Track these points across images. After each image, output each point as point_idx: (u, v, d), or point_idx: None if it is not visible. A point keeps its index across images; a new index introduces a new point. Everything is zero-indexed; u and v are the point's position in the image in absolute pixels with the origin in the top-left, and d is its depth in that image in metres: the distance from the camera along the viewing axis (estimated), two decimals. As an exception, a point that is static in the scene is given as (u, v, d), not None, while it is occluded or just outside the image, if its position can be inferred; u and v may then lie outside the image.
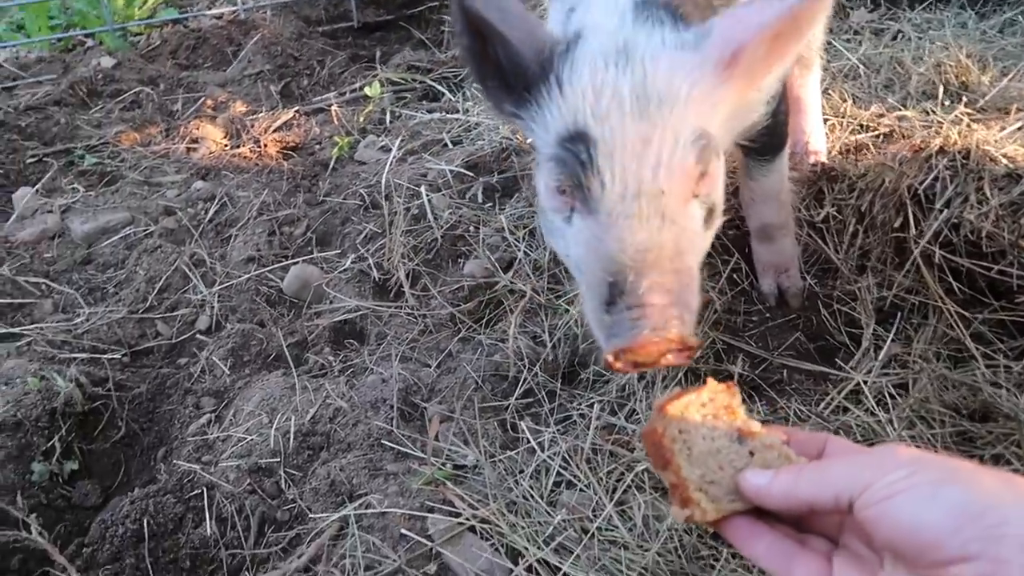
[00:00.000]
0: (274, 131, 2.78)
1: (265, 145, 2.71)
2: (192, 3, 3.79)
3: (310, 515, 1.46)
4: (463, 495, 1.44)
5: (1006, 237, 1.56)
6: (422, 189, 2.30)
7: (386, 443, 1.59)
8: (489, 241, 2.12)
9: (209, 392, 1.84)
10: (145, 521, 1.47)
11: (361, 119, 2.83)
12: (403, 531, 1.38)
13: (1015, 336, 1.55)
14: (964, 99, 2.24)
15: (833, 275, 1.87)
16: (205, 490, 1.52)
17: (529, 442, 1.56)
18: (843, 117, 2.26)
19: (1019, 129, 1.93)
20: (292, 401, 1.70)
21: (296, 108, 2.92)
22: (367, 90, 2.88)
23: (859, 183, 1.93)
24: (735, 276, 1.89)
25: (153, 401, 1.86)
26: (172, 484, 1.54)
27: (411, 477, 1.49)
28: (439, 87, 2.97)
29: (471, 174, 2.40)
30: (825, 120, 2.20)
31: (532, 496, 1.44)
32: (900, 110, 2.24)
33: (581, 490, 1.45)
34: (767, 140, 1.62)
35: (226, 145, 2.76)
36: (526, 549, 1.33)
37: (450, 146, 2.59)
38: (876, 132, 2.16)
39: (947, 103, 2.22)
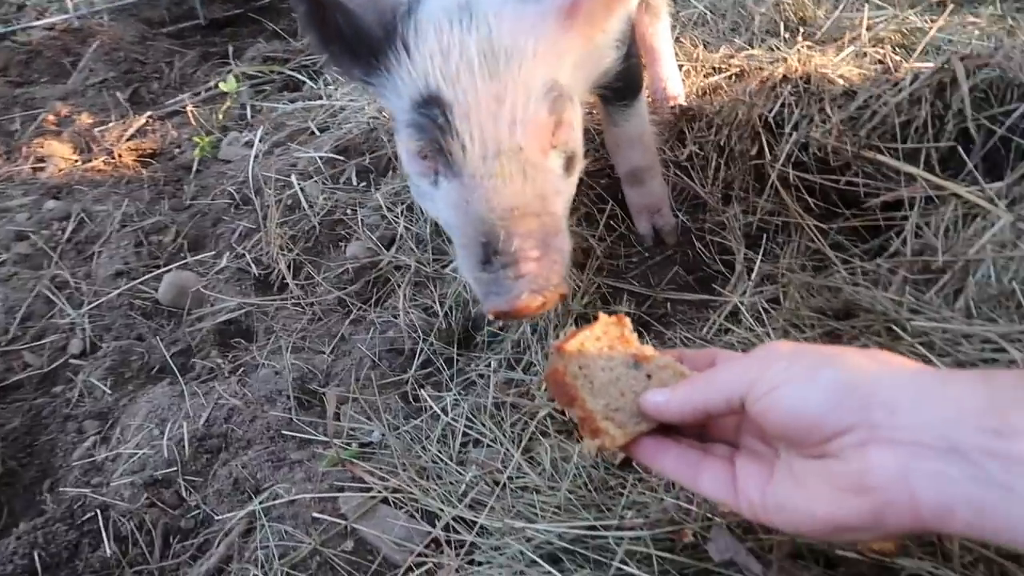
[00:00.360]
0: (128, 140, 2.64)
1: (119, 155, 2.57)
2: (16, 16, 3.52)
3: (216, 517, 1.41)
4: (372, 470, 1.42)
5: (849, 150, 1.67)
6: (293, 179, 2.25)
7: (287, 433, 1.55)
8: (368, 221, 2.09)
9: (91, 415, 1.74)
10: (36, 554, 1.38)
11: (220, 117, 2.72)
12: (315, 515, 1.35)
13: (867, 239, 1.67)
14: (803, 32, 2.39)
15: (703, 209, 1.95)
16: (99, 512, 1.44)
17: (432, 409, 1.55)
18: (696, 62, 2.35)
19: (853, 54, 2.08)
20: (182, 408, 1.63)
21: (149, 113, 2.78)
22: (223, 86, 2.77)
23: (716, 119, 2.02)
24: (612, 222, 1.94)
25: (29, 434, 1.74)
26: (61, 512, 1.45)
27: (317, 461, 1.47)
28: (299, 76, 2.89)
29: (342, 159, 2.36)
30: (680, 66, 2.28)
31: (441, 459, 1.44)
32: (748, 49, 2.35)
33: (488, 445, 1.46)
34: (624, 85, 1.66)
35: (76, 160, 2.59)
36: (441, 510, 1.33)
37: (317, 134, 2.53)
38: (728, 73, 2.27)
39: (788, 38, 2.36)
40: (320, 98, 2.70)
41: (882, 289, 1.45)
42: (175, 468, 1.52)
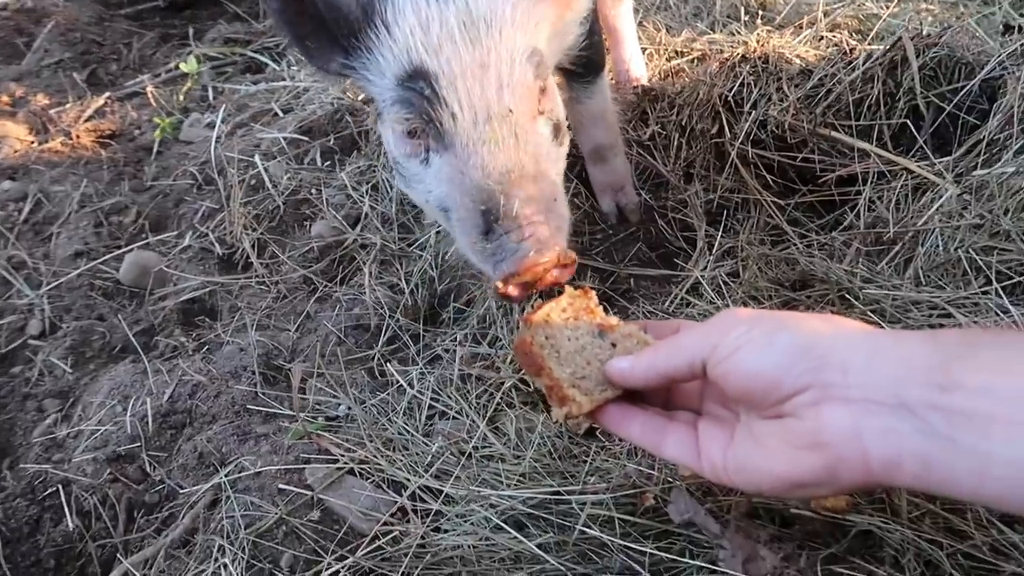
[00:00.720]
0: (86, 120, 2.59)
1: (78, 136, 2.52)
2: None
3: (181, 491, 1.41)
4: (339, 441, 1.43)
5: (805, 127, 1.72)
6: (256, 159, 2.23)
7: (252, 408, 1.55)
8: (333, 201, 2.09)
9: (51, 394, 1.72)
10: (-4, 531, 1.37)
11: (181, 98, 2.69)
12: (281, 486, 1.35)
13: (823, 214, 1.72)
14: (762, 17, 2.43)
15: (665, 187, 1.98)
16: (60, 487, 1.43)
17: (398, 382, 1.56)
18: (659, 45, 2.38)
19: (810, 37, 2.13)
20: (145, 385, 1.62)
21: (108, 94, 2.73)
22: (183, 67, 2.73)
23: (677, 100, 2.05)
24: (576, 200, 1.96)
25: (-13, 414, 1.72)
26: (22, 488, 1.44)
27: (283, 435, 1.47)
28: (261, 58, 2.86)
29: (306, 139, 2.34)
30: (644, 49, 2.31)
31: (408, 431, 1.46)
32: (709, 34, 2.39)
33: (454, 417, 1.47)
34: (587, 61, 1.68)
35: (32, 141, 2.54)
36: (408, 480, 1.35)
37: (281, 115, 2.51)
38: (690, 56, 2.30)
39: (748, 22, 2.40)
40: (283, 79, 2.67)
41: (836, 261, 1.49)
42: (138, 444, 1.51)
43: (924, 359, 0.70)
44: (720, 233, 1.78)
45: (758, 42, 2.02)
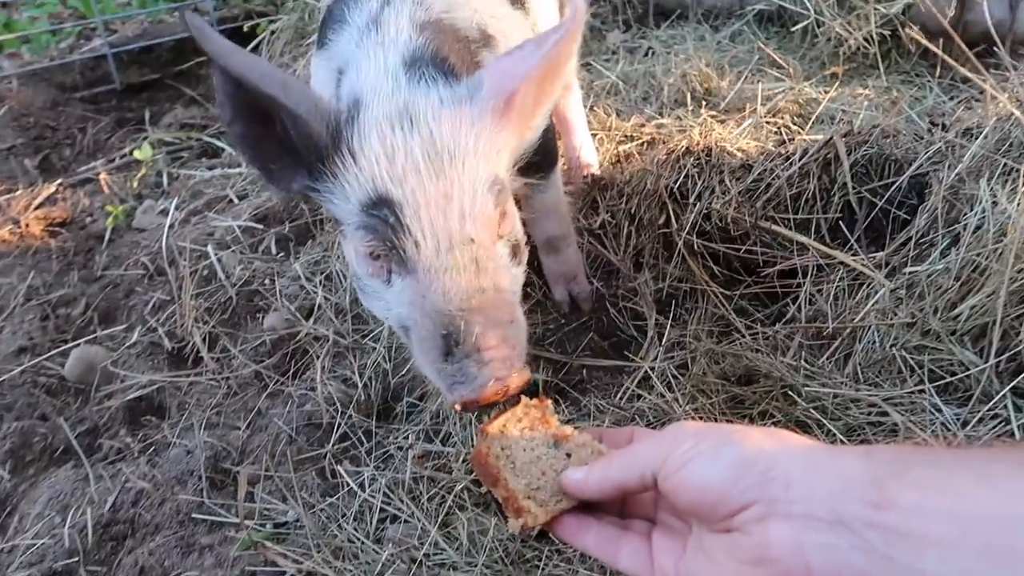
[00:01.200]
0: (36, 208, 2.56)
1: (26, 225, 2.49)
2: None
3: (120, 610, 1.36)
4: (286, 552, 1.40)
5: (747, 220, 1.77)
6: (209, 248, 2.22)
7: (197, 516, 1.51)
8: (287, 291, 2.08)
9: (-12, 503, 1.65)
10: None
11: (135, 184, 2.68)
12: (225, 603, 1.31)
13: (767, 304, 1.76)
14: (708, 103, 2.52)
15: (616, 275, 2.01)
16: (-9, 611, 1.37)
17: (349, 485, 1.54)
18: (609, 130, 2.45)
19: (752, 126, 2.21)
20: (87, 493, 1.57)
21: (59, 181, 2.71)
22: (137, 154, 2.73)
23: (626, 188, 2.10)
24: (528, 290, 1.98)
25: (-82, 525, 1.64)
26: (-51, 613, 1.37)
27: (229, 545, 1.43)
28: (218, 143, 2.87)
29: (261, 227, 2.35)
30: (594, 135, 2.38)
31: (358, 538, 1.43)
32: (658, 119, 2.47)
33: (406, 521, 1.45)
34: (541, 159, 1.72)
35: (-21, 231, 2.50)
36: (357, 592, 1.32)
37: (236, 201, 2.52)
38: (640, 140, 2.37)
39: (695, 108, 2.49)
40: (239, 165, 2.69)
41: (781, 354, 1.53)
42: (77, 558, 1.46)
43: (859, 475, 0.72)
44: (670, 322, 1.81)
45: (701, 134, 2.09)
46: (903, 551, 0.67)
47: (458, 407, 1.10)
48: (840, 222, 1.70)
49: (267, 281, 2.13)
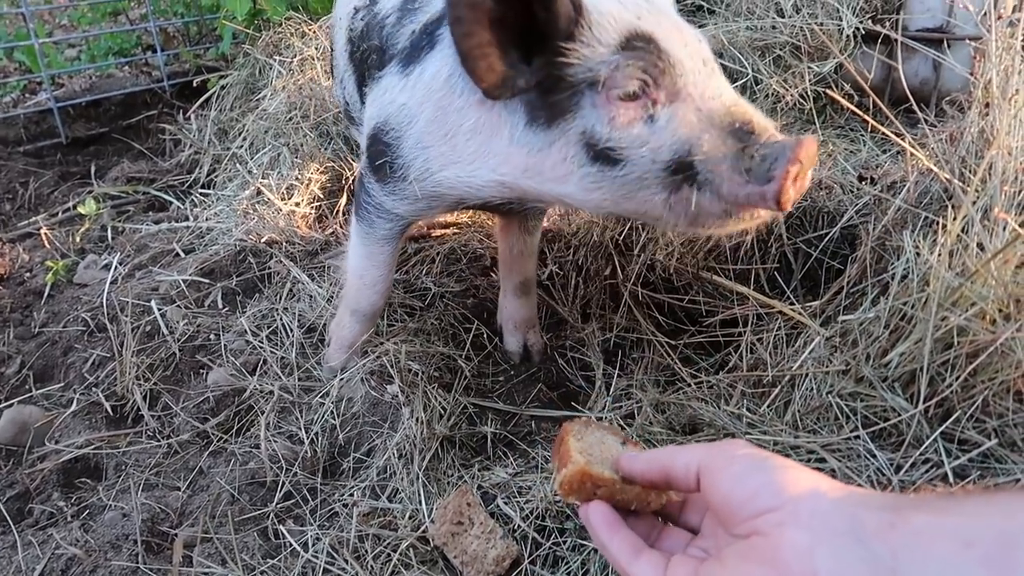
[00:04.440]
0: (-28, 264, 2.50)
1: (-38, 281, 2.42)
2: None
3: None
4: (224, 619, 1.34)
5: (689, 271, 1.81)
6: (153, 303, 2.18)
7: (131, 584, 1.45)
8: (232, 347, 2.05)
9: (-94, 576, 1.56)
10: None
11: (78, 239, 2.63)
12: (157, 676, 1.25)
13: (711, 353, 1.79)
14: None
15: (564, 326, 2.04)
16: None
17: (292, 545, 1.50)
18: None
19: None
20: (14, 561, 1.50)
21: (-2, 236, 2.66)
22: (81, 208, 2.69)
23: (573, 240, 2.14)
24: (479, 340, 2.00)
25: None
26: None
27: (163, 614, 1.37)
28: (165, 196, 2.85)
29: (208, 281, 2.32)
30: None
31: (300, 601, 1.39)
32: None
33: (350, 582, 1.42)
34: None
35: (-89, 288, 2.42)
36: (297, 659, 1.27)
37: (182, 255, 2.49)
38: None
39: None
40: (186, 219, 2.67)
41: (724, 402, 1.55)
42: (0, 634, 1.38)
43: (880, 501, 0.77)
44: (617, 372, 1.83)
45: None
46: (908, 565, 0.70)
47: (790, 178, 1.09)
48: (777, 272, 1.75)
49: (212, 336, 2.09)
